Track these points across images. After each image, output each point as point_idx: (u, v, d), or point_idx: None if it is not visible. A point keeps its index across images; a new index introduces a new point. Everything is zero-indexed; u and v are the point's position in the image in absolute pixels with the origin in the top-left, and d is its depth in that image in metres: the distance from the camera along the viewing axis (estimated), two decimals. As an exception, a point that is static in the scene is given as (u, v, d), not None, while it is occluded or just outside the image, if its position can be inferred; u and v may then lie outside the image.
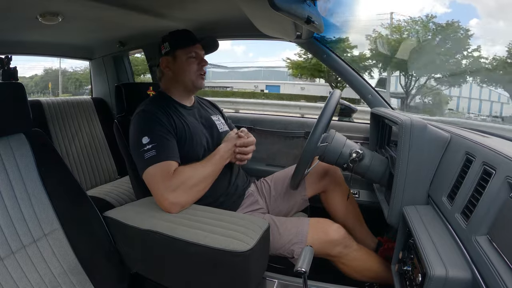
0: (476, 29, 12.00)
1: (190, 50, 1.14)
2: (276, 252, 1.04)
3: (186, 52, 1.14)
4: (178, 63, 1.15)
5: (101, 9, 1.19)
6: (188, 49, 1.14)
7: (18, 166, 0.86)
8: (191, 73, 1.15)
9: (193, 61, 1.15)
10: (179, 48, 1.14)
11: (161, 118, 1.03)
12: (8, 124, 0.87)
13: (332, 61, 1.53)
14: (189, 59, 1.14)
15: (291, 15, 0.81)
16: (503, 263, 0.50)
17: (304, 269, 0.71)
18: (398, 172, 0.90)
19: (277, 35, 1.52)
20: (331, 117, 1.09)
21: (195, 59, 1.15)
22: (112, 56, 2.04)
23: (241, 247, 0.77)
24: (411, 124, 0.88)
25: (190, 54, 1.14)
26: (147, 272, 0.96)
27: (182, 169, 0.97)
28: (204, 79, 1.19)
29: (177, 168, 0.97)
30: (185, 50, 1.14)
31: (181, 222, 0.86)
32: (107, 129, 1.95)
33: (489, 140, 0.75)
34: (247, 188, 1.23)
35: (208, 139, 1.14)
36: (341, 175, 1.32)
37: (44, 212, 0.87)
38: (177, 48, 1.14)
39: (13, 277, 0.77)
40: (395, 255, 0.92)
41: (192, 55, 1.14)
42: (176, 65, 1.15)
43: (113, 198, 1.57)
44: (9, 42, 1.58)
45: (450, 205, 0.73)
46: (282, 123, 1.69)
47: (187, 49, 1.14)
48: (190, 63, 1.15)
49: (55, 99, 1.84)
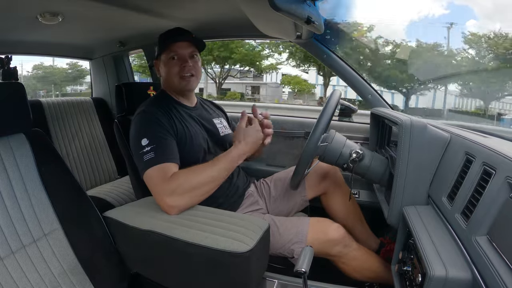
0: (474, 30, 12.09)
1: (170, 51, 1.11)
2: (276, 252, 1.04)
3: (167, 54, 1.12)
4: (163, 66, 1.14)
5: (101, 9, 1.19)
6: (168, 50, 1.11)
7: (18, 166, 0.86)
8: (172, 76, 1.12)
9: (174, 62, 1.11)
10: (163, 51, 1.13)
11: (161, 119, 1.03)
12: (8, 124, 0.87)
13: (332, 61, 1.53)
14: (169, 60, 1.12)
15: (291, 15, 0.81)
16: (503, 263, 0.50)
17: (304, 269, 0.71)
18: (398, 172, 0.90)
19: (277, 35, 1.52)
20: (331, 117, 1.08)
21: (175, 60, 1.11)
22: (112, 56, 2.04)
23: (241, 248, 0.76)
24: (411, 124, 0.88)
25: (170, 55, 1.11)
26: (147, 272, 0.96)
27: (179, 172, 0.95)
28: (188, 80, 1.13)
29: (176, 172, 0.95)
30: (166, 52, 1.12)
31: (181, 223, 0.86)
32: (107, 129, 1.95)
33: (489, 140, 0.75)
34: (247, 189, 1.23)
35: (209, 142, 1.13)
36: (341, 176, 1.32)
37: (44, 212, 0.87)
38: (161, 51, 1.13)
39: (13, 277, 0.77)
40: (395, 255, 0.92)
41: (171, 56, 1.11)
42: (162, 68, 1.15)
43: (113, 198, 1.57)
44: (9, 42, 1.58)
45: (450, 205, 0.73)
46: (282, 123, 1.69)
47: (167, 50, 1.12)
48: (171, 65, 1.11)
49: (55, 99, 1.85)
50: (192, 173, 0.94)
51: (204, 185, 0.94)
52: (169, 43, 1.11)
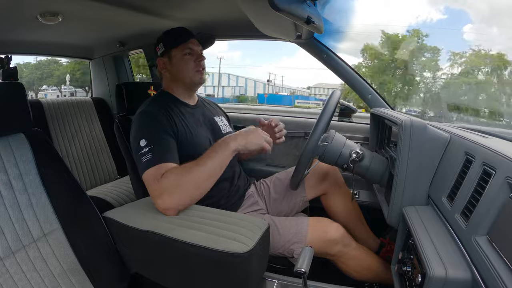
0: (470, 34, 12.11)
1: (184, 47, 1.13)
2: (276, 251, 1.04)
3: (181, 50, 1.13)
4: (174, 62, 1.14)
5: (101, 9, 1.19)
6: (182, 46, 1.13)
7: (18, 166, 0.86)
8: (189, 71, 1.14)
9: (189, 57, 1.13)
10: (173, 47, 1.13)
11: (161, 119, 1.02)
12: (8, 124, 0.86)
13: (332, 61, 1.53)
14: (184, 56, 1.13)
15: (291, 15, 0.81)
16: (503, 263, 0.50)
17: (304, 269, 0.71)
18: (398, 172, 0.90)
19: (277, 35, 1.52)
20: (331, 117, 1.08)
21: (190, 55, 1.14)
22: (112, 56, 2.04)
23: (240, 248, 0.76)
24: (411, 124, 0.88)
25: (185, 51, 1.13)
26: (146, 273, 0.96)
27: (170, 171, 0.90)
28: (203, 73, 1.17)
29: (167, 170, 0.90)
30: (179, 48, 1.13)
31: (181, 223, 0.86)
32: (107, 129, 1.95)
33: (489, 141, 0.75)
34: (247, 189, 1.23)
35: (211, 140, 1.13)
36: (341, 177, 1.32)
37: (44, 212, 0.86)
38: (171, 47, 1.13)
39: (13, 277, 0.77)
40: (395, 255, 0.92)
41: (187, 52, 1.13)
42: (172, 65, 1.14)
43: (113, 198, 1.57)
44: (9, 41, 1.58)
45: (450, 206, 0.73)
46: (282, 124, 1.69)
47: (181, 46, 1.13)
48: (186, 61, 1.13)
49: (55, 99, 1.85)
50: (183, 170, 0.90)
51: (198, 180, 0.90)
52: (182, 41, 1.13)
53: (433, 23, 14.29)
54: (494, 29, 14.26)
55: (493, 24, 14.32)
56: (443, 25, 14.70)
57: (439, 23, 14.40)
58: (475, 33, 12.79)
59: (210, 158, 0.92)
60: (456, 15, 14.96)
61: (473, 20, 15.09)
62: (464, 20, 16.95)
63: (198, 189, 0.91)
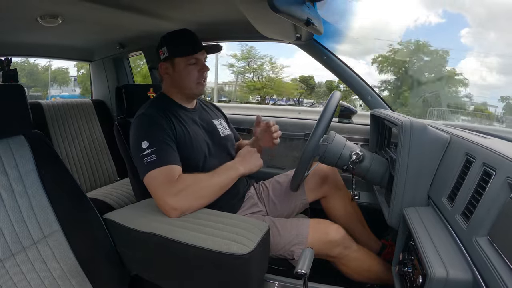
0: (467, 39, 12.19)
1: (190, 57, 1.10)
2: (276, 253, 1.04)
3: (186, 59, 1.10)
4: (177, 70, 1.11)
5: (101, 11, 1.20)
6: (187, 56, 1.10)
7: (18, 168, 0.86)
8: (191, 82, 1.11)
9: (193, 68, 1.11)
10: (179, 56, 1.10)
11: (161, 122, 1.02)
12: (8, 125, 0.86)
13: (332, 62, 1.53)
14: (188, 66, 1.10)
15: (290, 17, 0.81)
16: (504, 264, 0.50)
17: (305, 271, 0.71)
18: (398, 173, 0.90)
19: (276, 37, 1.52)
20: (331, 118, 1.08)
21: (195, 65, 1.11)
22: (112, 58, 2.05)
23: (241, 250, 0.76)
24: (411, 125, 0.88)
25: (190, 61, 1.10)
26: (147, 274, 0.96)
27: (186, 176, 0.95)
28: (204, 85, 1.15)
29: (183, 174, 0.96)
30: (183, 57, 1.10)
31: (181, 225, 0.86)
32: (107, 131, 1.95)
33: (489, 141, 0.75)
34: (247, 191, 1.23)
35: (209, 144, 1.13)
36: (341, 179, 1.31)
37: (44, 214, 0.86)
38: (176, 55, 1.10)
39: (13, 279, 0.77)
40: (395, 256, 0.92)
41: (192, 62, 1.10)
42: (175, 72, 1.12)
43: (113, 200, 1.57)
44: (9, 44, 1.58)
45: (450, 206, 0.73)
46: (282, 125, 1.69)
47: (186, 56, 1.10)
48: (190, 71, 1.10)
49: (55, 101, 1.85)
50: (197, 178, 0.96)
51: (207, 190, 0.96)
52: (191, 52, 1.10)
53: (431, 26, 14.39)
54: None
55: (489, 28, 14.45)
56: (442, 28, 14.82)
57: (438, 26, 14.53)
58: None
59: (224, 174, 1.00)
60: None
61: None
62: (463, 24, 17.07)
63: (209, 198, 0.97)
